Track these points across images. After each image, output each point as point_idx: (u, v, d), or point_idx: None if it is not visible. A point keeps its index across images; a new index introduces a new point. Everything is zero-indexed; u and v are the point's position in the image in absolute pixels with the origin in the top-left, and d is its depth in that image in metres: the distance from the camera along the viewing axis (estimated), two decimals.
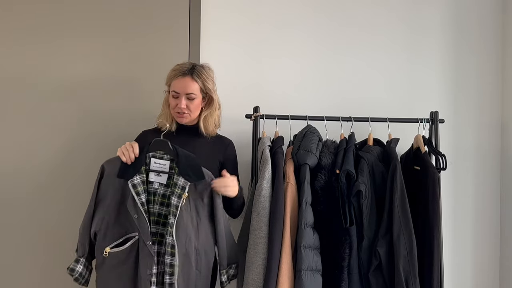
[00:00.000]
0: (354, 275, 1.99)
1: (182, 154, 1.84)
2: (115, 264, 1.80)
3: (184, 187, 1.79)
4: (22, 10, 2.33)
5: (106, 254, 1.79)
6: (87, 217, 1.83)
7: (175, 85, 1.96)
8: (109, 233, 1.81)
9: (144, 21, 2.37)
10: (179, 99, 1.94)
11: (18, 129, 2.31)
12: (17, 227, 2.29)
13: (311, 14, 2.48)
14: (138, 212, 1.77)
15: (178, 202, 1.78)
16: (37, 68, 2.32)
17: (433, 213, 2.04)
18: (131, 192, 1.77)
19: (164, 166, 1.85)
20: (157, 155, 1.85)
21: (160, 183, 1.85)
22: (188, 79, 1.95)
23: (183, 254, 1.79)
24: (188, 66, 1.97)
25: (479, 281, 2.52)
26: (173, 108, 1.97)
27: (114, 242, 1.80)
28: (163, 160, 1.85)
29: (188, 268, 1.81)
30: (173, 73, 1.98)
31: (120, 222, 1.81)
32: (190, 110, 1.97)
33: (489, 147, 2.54)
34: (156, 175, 1.84)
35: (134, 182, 1.78)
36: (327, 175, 2.04)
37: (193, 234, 1.81)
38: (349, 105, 2.41)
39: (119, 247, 1.79)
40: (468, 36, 2.55)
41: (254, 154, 2.19)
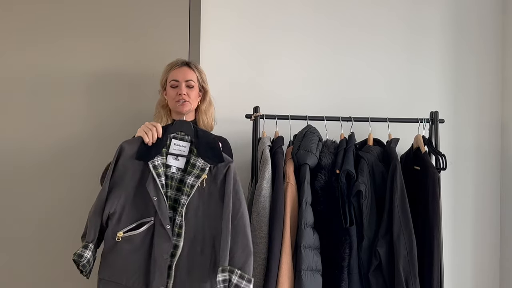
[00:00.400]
0: (354, 275, 1.99)
1: (203, 136, 1.81)
2: (128, 249, 1.71)
3: (204, 168, 1.74)
4: (22, 10, 2.33)
5: (119, 238, 1.70)
6: (100, 199, 1.74)
7: (173, 74, 1.99)
8: (124, 217, 1.73)
9: (144, 21, 2.37)
10: (180, 87, 1.98)
11: (17, 128, 2.31)
12: (17, 224, 2.30)
13: (311, 14, 2.48)
14: (158, 194, 1.71)
15: (195, 181, 1.73)
16: (37, 68, 2.32)
17: (433, 213, 2.04)
18: (151, 173, 1.71)
19: (184, 148, 1.80)
20: (178, 136, 1.81)
21: (177, 168, 1.79)
22: (186, 68, 2.02)
23: (190, 239, 1.72)
24: (183, 60, 2.04)
25: (479, 281, 2.52)
26: (173, 99, 1.98)
27: (128, 226, 1.72)
28: (184, 142, 1.80)
29: (194, 256, 1.73)
30: (169, 66, 2.02)
31: (137, 206, 1.73)
32: (191, 98, 1.99)
33: (489, 147, 2.54)
34: (174, 159, 1.79)
35: (155, 163, 1.73)
36: (327, 175, 2.04)
37: (204, 220, 1.74)
38: (349, 105, 2.41)
39: (134, 231, 1.72)
40: (468, 36, 2.55)
41: (254, 154, 2.19)
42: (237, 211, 1.74)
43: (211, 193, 1.76)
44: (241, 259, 1.70)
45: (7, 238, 2.29)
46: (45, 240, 2.30)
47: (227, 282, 1.67)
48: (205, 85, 2.06)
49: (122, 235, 1.71)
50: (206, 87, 2.06)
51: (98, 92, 2.34)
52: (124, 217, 1.73)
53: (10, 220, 2.30)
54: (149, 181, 1.72)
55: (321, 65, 2.48)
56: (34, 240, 2.30)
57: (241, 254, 1.71)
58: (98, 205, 1.74)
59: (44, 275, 2.29)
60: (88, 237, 1.73)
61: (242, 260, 1.70)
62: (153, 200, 1.70)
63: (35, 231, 2.30)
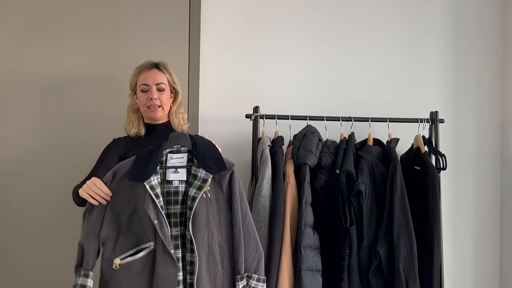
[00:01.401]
0: (354, 275, 1.99)
1: (201, 144, 1.70)
2: (128, 276, 1.61)
3: (206, 179, 1.65)
4: (22, 9, 2.33)
5: (117, 266, 1.60)
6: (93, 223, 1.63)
7: (143, 78, 1.94)
8: (119, 242, 1.62)
9: (144, 21, 2.37)
10: (150, 92, 1.92)
11: (14, 129, 2.32)
12: (16, 224, 2.30)
13: (311, 14, 2.48)
14: (159, 216, 1.60)
15: (196, 193, 1.64)
16: (37, 68, 2.32)
17: (433, 213, 2.04)
18: (149, 194, 1.59)
19: (182, 159, 1.69)
20: (174, 149, 1.70)
21: (180, 181, 1.68)
22: (155, 71, 1.96)
23: (206, 251, 1.65)
24: (152, 61, 1.98)
25: (479, 281, 2.52)
26: (144, 104, 1.93)
27: (125, 253, 1.62)
28: (180, 154, 1.69)
29: (214, 267, 1.66)
30: (137, 70, 1.98)
31: (132, 230, 1.63)
32: (163, 102, 1.94)
33: (489, 147, 2.54)
34: (174, 172, 1.68)
35: (151, 183, 1.61)
36: (327, 175, 2.03)
37: (215, 229, 1.66)
38: (349, 105, 2.41)
39: (133, 257, 1.62)
40: (468, 36, 2.55)
41: (254, 154, 2.19)
42: (244, 215, 1.72)
43: (217, 201, 1.70)
44: (255, 262, 1.72)
45: (7, 238, 2.30)
46: (45, 240, 2.31)
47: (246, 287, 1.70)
48: (176, 86, 2.00)
49: (120, 263, 1.61)
50: (177, 88, 2.01)
51: (97, 92, 2.34)
52: (119, 243, 1.63)
53: (9, 220, 2.30)
54: (147, 203, 1.59)
55: (321, 64, 2.48)
56: (34, 240, 2.30)
57: (254, 256, 1.72)
58: (91, 230, 1.62)
59: (44, 275, 2.30)
60: (87, 265, 1.62)
61: (256, 263, 1.72)
62: (154, 223, 1.59)
63: (18, 236, 2.30)
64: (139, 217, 1.62)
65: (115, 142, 1.99)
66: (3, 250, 2.30)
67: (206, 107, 2.39)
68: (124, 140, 1.98)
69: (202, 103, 2.38)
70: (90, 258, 1.62)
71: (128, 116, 2.02)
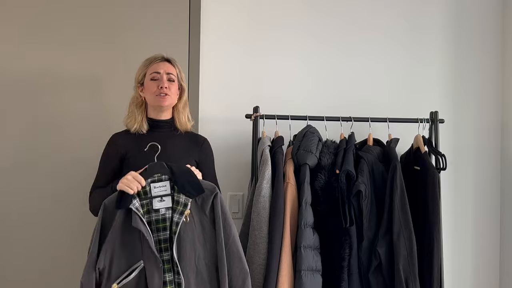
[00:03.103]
0: (354, 275, 1.99)
1: (178, 171, 1.77)
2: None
3: (186, 203, 1.73)
4: (20, 8, 2.33)
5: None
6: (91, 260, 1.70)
7: (154, 67, 1.94)
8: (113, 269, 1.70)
9: (143, 20, 2.37)
10: (161, 80, 1.91)
11: (12, 128, 2.31)
12: (16, 224, 2.30)
13: (311, 13, 2.48)
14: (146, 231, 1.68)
15: (179, 219, 1.72)
16: (38, 68, 2.32)
17: (433, 213, 2.04)
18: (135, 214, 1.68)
19: (165, 188, 1.77)
20: (156, 179, 1.77)
21: (166, 208, 1.76)
22: (167, 63, 1.97)
23: (194, 272, 1.72)
24: (161, 55, 1.98)
25: (479, 281, 2.52)
26: (153, 92, 1.91)
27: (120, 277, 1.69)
28: (162, 182, 1.77)
29: (203, 285, 1.73)
30: (147, 61, 1.97)
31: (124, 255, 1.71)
32: (171, 91, 1.93)
33: (489, 147, 2.54)
34: (159, 201, 1.76)
35: (136, 205, 1.70)
36: (327, 175, 2.04)
37: (201, 251, 1.74)
38: (349, 105, 2.41)
39: (127, 278, 1.69)
40: (468, 36, 2.55)
41: (254, 154, 2.19)
42: (228, 235, 1.76)
43: (201, 223, 1.76)
44: (239, 281, 1.75)
45: (7, 238, 2.30)
46: (44, 240, 2.31)
47: None
48: (183, 83, 2.00)
49: (117, 287, 1.68)
50: (184, 85, 2.00)
51: (97, 92, 2.34)
52: (114, 270, 1.70)
53: (9, 221, 2.30)
54: (135, 220, 1.68)
55: (321, 64, 2.48)
56: (33, 240, 2.30)
57: (238, 276, 1.75)
58: (90, 265, 1.70)
59: (44, 275, 2.30)
60: None
61: (240, 282, 1.75)
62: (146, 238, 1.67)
63: (33, 231, 2.30)
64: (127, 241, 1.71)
65: (114, 142, 1.96)
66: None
67: (206, 107, 2.39)
68: (123, 138, 1.95)
69: (202, 103, 2.38)
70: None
71: (130, 111, 1.98)
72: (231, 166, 2.33)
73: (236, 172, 2.34)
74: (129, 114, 1.98)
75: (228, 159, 2.30)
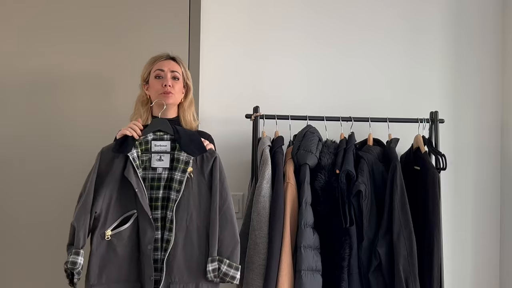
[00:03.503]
0: (354, 275, 1.99)
1: (182, 130, 1.81)
2: (118, 245, 1.72)
3: (188, 161, 1.75)
4: (21, 9, 2.33)
5: (108, 237, 1.71)
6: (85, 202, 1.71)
7: (159, 64, 1.96)
8: (110, 215, 1.73)
9: (143, 20, 2.37)
10: (165, 78, 1.93)
11: (11, 127, 2.32)
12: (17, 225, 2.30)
13: (311, 14, 2.48)
14: (138, 184, 1.71)
15: (182, 176, 1.75)
16: (37, 68, 2.33)
17: (433, 213, 2.04)
18: (130, 163, 1.71)
19: (165, 147, 1.80)
20: (158, 137, 1.80)
21: (163, 168, 1.79)
22: (171, 61, 1.99)
23: (184, 231, 1.73)
24: (167, 53, 2.01)
25: (479, 281, 2.52)
26: (156, 91, 1.93)
27: (114, 223, 1.72)
28: (164, 141, 1.80)
29: (190, 249, 1.74)
30: (152, 59, 1.99)
31: (120, 202, 1.73)
32: (175, 90, 1.95)
33: (489, 147, 2.54)
34: (158, 159, 1.79)
35: (133, 155, 1.73)
36: (327, 175, 2.04)
37: (194, 213, 1.75)
38: (349, 105, 2.41)
39: (121, 227, 1.72)
40: (468, 36, 2.55)
41: (254, 154, 2.19)
42: (223, 201, 1.78)
43: (199, 185, 1.78)
44: (229, 248, 1.76)
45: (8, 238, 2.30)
46: (45, 240, 2.31)
47: (217, 271, 1.73)
48: (189, 82, 2.02)
49: (111, 233, 1.71)
50: (190, 84, 2.02)
51: (97, 92, 2.35)
52: (110, 216, 1.73)
53: (9, 221, 2.31)
54: (128, 170, 1.71)
55: (321, 64, 2.48)
56: (34, 241, 2.30)
57: (229, 243, 1.76)
58: (83, 209, 1.71)
59: (44, 275, 2.30)
60: (78, 243, 1.69)
61: (230, 249, 1.76)
62: (135, 190, 1.70)
63: (34, 232, 2.31)
64: (125, 189, 1.72)
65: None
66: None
67: (206, 107, 2.39)
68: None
69: (202, 103, 2.38)
70: (80, 238, 1.69)
71: (136, 109, 2.01)
72: (231, 166, 2.32)
73: (236, 172, 2.34)
74: (135, 112, 2.01)
75: (228, 159, 2.29)
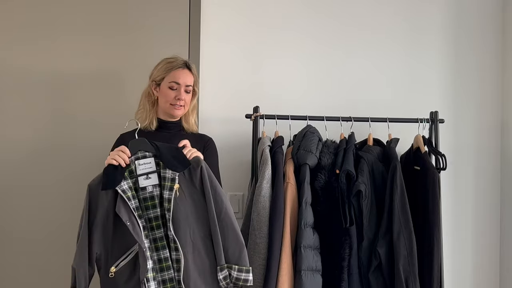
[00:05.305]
0: (354, 275, 1.99)
1: (163, 147, 1.76)
2: (124, 280, 1.70)
3: (174, 178, 1.71)
4: (24, 8, 2.33)
5: (112, 274, 1.69)
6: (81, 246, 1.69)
7: (176, 76, 1.94)
8: (112, 254, 1.71)
9: (143, 20, 2.38)
10: (179, 91, 1.93)
11: (16, 128, 2.32)
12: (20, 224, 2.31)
13: (311, 14, 2.48)
14: (130, 217, 1.67)
15: (170, 195, 1.71)
16: (35, 67, 2.33)
17: (433, 213, 2.04)
18: (120, 197, 1.67)
19: (150, 164, 1.75)
20: (140, 155, 1.75)
21: (153, 185, 1.75)
22: (187, 72, 1.97)
23: (191, 247, 1.71)
24: (183, 60, 2.00)
25: (479, 281, 2.52)
26: (168, 101, 1.93)
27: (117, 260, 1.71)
28: (147, 159, 1.75)
29: (201, 261, 1.73)
30: (171, 64, 1.96)
31: (119, 239, 1.71)
32: (186, 103, 1.97)
33: (489, 147, 2.54)
34: (145, 178, 1.75)
35: (122, 187, 1.68)
36: (327, 175, 2.04)
37: (195, 225, 1.73)
38: (349, 105, 2.41)
39: (124, 261, 1.71)
40: (468, 36, 2.55)
41: (254, 154, 2.19)
42: (220, 207, 1.75)
43: (192, 197, 1.75)
44: (236, 253, 1.74)
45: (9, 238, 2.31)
46: (45, 240, 2.31)
47: (228, 278, 1.72)
48: (196, 88, 2.02)
49: (115, 270, 1.70)
50: (197, 90, 2.03)
51: (96, 92, 2.35)
52: (112, 253, 1.71)
53: (11, 220, 2.31)
54: (118, 206, 1.67)
55: (321, 64, 2.48)
56: (36, 240, 2.31)
57: (234, 248, 1.74)
58: (80, 252, 1.70)
59: (44, 275, 2.30)
60: (79, 285, 1.69)
61: (237, 254, 1.74)
62: (127, 224, 1.66)
63: (37, 232, 2.31)
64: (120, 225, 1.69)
65: (124, 140, 1.95)
66: (3, 250, 2.30)
67: (206, 107, 2.39)
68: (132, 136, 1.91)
69: (202, 103, 2.38)
70: (81, 280, 1.69)
71: (142, 105, 2.00)
72: (231, 166, 2.33)
73: (236, 172, 2.34)
74: (141, 108, 2.00)
75: (228, 159, 2.30)
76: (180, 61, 1.98)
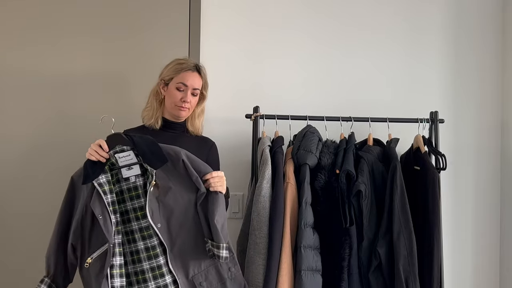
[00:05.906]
0: (354, 275, 1.99)
1: (139, 141, 1.74)
2: (97, 272, 1.71)
3: (152, 175, 1.71)
4: (23, 9, 2.33)
5: (87, 265, 1.72)
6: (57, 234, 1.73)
7: (184, 77, 1.95)
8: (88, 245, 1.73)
9: (143, 20, 2.38)
10: (186, 93, 1.94)
11: (14, 128, 2.32)
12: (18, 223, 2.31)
13: (311, 14, 2.48)
14: (103, 212, 1.67)
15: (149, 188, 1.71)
16: (36, 67, 2.33)
17: (433, 213, 2.05)
18: (96, 192, 1.67)
19: (130, 157, 1.75)
20: (118, 150, 1.74)
21: (135, 175, 1.75)
22: (197, 75, 1.98)
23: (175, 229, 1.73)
24: (194, 62, 2.00)
25: (479, 281, 2.52)
26: (174, 102, 1.94)
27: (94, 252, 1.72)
28: (125, 152, 1.74)
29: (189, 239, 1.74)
30: (181, 66, 1.97)
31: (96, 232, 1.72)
32: (192, 105, 1.98)
33: (489, 147, 2.54)
34: (128, 169, 1.75)
35: (99, 181, 1.69)
36: (327, 175, 2.04)
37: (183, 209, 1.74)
38: (349, 105, 2.41)
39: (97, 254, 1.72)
40: (468, 36, 2.55)
41: (254, 154, 2.19)
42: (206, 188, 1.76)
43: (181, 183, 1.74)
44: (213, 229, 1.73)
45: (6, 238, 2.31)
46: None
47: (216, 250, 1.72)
48: (205, 92, 2.03)
49: (90, 261, 1.72)
50: (206, 94, 2.04)
51: (96, 92, 2.35)
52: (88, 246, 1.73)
53: (11, 220, 2.31)
54: (93, 200, 1.67)
55: (321, 64, 2.48)
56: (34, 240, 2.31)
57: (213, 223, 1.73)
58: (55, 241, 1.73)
59: None
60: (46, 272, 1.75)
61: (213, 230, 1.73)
62: (98, 218, 1.66)
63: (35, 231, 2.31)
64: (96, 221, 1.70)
65: None
66: (2, 247, 2.31)
67: (206, 107, 2.37)
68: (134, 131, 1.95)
69: None
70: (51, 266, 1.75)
71: (150, 103, 2.00)
72: (231, 166, 2.32)
73: (236, 172, 2.34)
74: (149, 105, 2.01)
75: (228, 159, 2.29)
76: (190, 63, 1.99)
